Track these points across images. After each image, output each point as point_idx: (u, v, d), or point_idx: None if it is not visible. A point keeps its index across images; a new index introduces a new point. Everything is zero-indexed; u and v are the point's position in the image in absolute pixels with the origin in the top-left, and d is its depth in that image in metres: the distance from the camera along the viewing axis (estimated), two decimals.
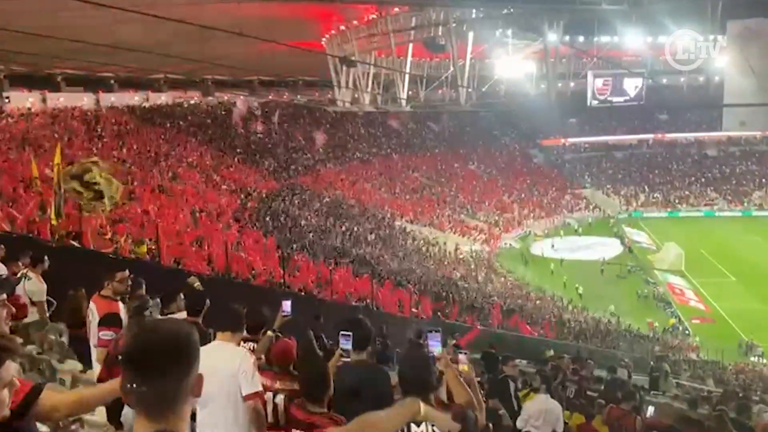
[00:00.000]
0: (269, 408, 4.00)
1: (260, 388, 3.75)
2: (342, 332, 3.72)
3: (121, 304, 4.87)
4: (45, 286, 6.81)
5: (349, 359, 3.69)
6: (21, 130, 30.24)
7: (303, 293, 16.80)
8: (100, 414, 5.09)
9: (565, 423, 7.47)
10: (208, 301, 5.17)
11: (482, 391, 5.15)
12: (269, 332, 4.92)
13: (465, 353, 3.93)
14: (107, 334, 4.59)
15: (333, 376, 3.60)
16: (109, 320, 4.69)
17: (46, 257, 7.14)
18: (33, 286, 6.76)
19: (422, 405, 2.08)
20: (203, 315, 5.53)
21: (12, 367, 2.01)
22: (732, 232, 48.89)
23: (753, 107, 21.93)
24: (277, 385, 4.13)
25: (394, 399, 3.91)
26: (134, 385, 1.55)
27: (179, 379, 1.58)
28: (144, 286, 6.20)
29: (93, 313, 4.86)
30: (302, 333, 7.63)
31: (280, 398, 4.06)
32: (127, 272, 5.15)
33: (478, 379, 6.07)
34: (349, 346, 3.67)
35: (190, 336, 1.62)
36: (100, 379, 4.58)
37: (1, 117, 32.02)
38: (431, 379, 2.91)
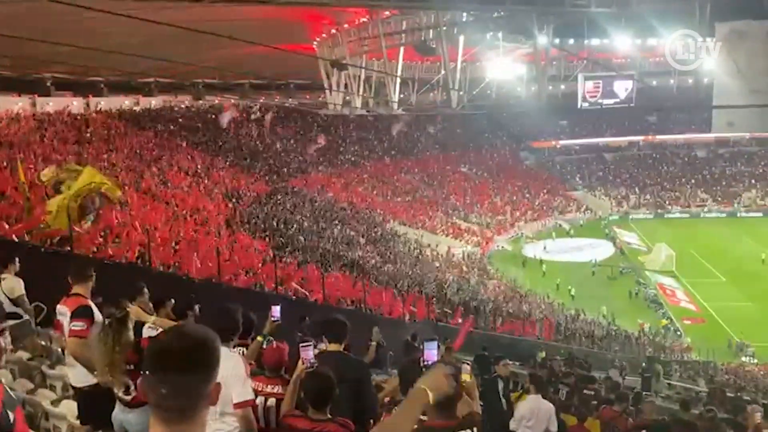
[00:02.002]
0: (260, 411, 3.97)
1: (251, 397, 3.66)
2: (301, 345, 3.86)
3: (90, 302, 4.82)
4: (21, 281, 6.79)
5: (312, 369, 3.73)
6: (9, 134, 30.02)
7: (295, 297, 16.75)
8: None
9: (563, 422, 7.49)
10: (197, 306, 5.12)
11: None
12: (259, 337, 4.89)
13: (468, 363, 4.08)
14: (78, 325, 4.56)
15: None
16: (81, 312, 4.64)
17: (17, 258, 7.08)
18: (9, 284, 6.75)
19: (428, 389, 2.13)
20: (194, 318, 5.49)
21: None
22: (722, 232, 49.22)
23: (741, 108, 22.10)
24: (269, 389, 4.11)
25: (372, 387, 4.07)
26: (157, 388, 1.55)
27: (201, 384, 1.58)
28: (146, 291, 6.13)
29: (65, 313, 4.81)
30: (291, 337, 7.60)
31: (272, 402, 4.04)
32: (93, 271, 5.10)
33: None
34: (311, 354, 3.82)
35: (214, 342, 1.62)
36: None
37: None
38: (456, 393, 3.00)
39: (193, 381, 1.56)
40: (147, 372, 1.58)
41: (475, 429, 2.85)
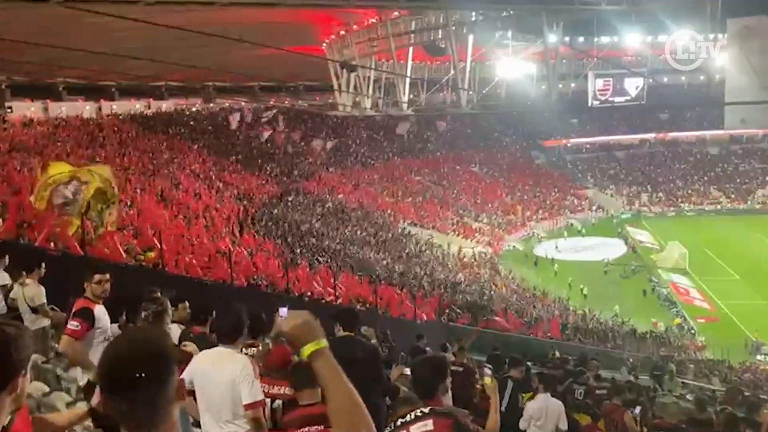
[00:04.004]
0: (267, 412, 3.99)
1: (261, 398, 3.70)
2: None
3: (100, 307, 4.87)
4: (43, 289, 6.86)
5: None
6: (23, 139, 30.35)
7: (306, 298, 16.78)
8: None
9: (576, 422, 7.47)
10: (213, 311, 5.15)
11: None
12: (266, 339, 4.91)
13: (490, 367, 4.33)
14: (74, 324, 4.66)
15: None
16: (80, 313, 4.72)
17: (43, 264, 7.16)
18: (31, 291, 6.81)
19: (317, 341, 1.77)
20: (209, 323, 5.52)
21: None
22: (735, 230, 48.73)
23: (754, 105, 21.89)
24: (275, 390, 4.14)
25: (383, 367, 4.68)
26: (116, 406, 1.49)
27: (159, 391, 1.50)
28: (159, 295, 6.17)
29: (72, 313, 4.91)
30: None
31: (278, 403, 4.06)
32: (107, 275, 5.09)
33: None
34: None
35: (161, 342, 1.55)
36: None
37: (3, 127, 32.12)
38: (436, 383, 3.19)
39: (151, 390, 1.49)
40: (103, 392, 1.51)
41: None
